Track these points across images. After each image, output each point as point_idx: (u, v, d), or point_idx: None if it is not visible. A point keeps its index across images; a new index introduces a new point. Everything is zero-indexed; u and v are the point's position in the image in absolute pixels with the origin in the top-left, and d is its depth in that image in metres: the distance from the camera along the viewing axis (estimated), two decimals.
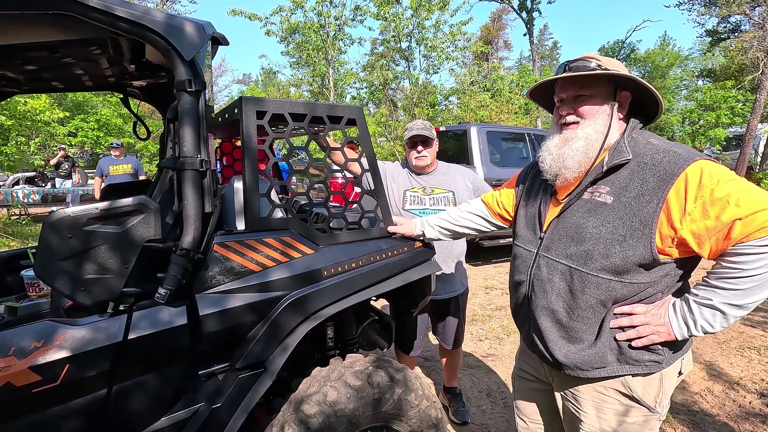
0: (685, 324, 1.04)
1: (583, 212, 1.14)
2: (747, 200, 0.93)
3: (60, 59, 1.59)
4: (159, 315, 1.22)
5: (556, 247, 1.18)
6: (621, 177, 1.09)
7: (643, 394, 1.13)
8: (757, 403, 2.58)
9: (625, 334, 1.09)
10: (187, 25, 1.23)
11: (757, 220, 0.91)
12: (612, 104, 1.13)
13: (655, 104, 1.15)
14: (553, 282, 1.18)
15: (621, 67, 1.14)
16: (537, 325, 1.23)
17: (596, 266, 1.09)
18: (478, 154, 5.68)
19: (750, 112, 16.03)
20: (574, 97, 1.17)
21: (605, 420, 1.17)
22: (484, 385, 2.83)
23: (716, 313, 1.01)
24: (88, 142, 15.30)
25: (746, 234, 0.93)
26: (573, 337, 1.15)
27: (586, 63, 1.12)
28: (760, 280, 0.95)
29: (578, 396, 1.21)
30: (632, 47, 26.39)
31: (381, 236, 1.62)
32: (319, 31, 12.98)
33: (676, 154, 1.04)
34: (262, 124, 1.35)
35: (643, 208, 1.03)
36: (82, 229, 1.16)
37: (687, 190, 0.99)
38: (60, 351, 1.08)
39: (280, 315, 1.34)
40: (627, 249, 1.05)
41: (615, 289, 1.08)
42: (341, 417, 1.31)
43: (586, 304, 1.12)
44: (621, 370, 1.12)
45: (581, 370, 1.15)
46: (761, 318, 3.92)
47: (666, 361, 1.11)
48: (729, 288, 0.98)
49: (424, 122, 2.26)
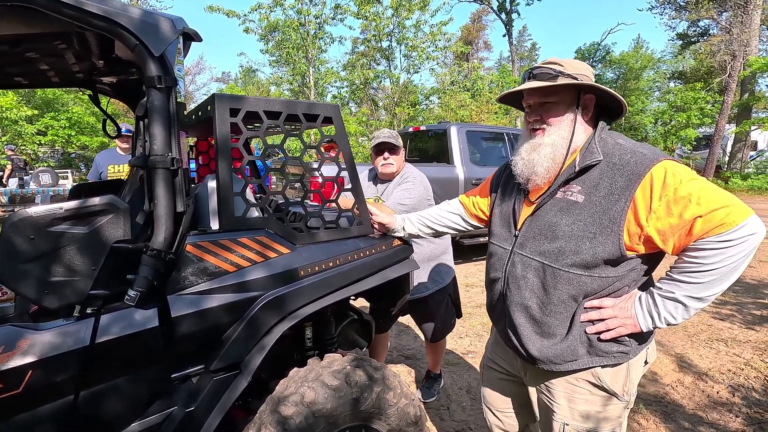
0: (650, 316, 1.09)
1: (555, 211, 1.18)
2: (707, 199, 0.98)
3: (22, 54, 1.52)
4: (129, 318, 1.18)
5: (530, 244, 1.22)
6: (591, 177, 1.14)
7: (611, 383, 1.18)
8: (724, 393, 2.68)
9: (595, 328, 1.14)
10: (156, 19, 1.20)
11: (716, 218, 0.97)
12: (575, 110, 1.18)
13: (619, 103, 1.20)
14: (527, 278, 1.22)
15: (585, 70, 1.18)
16: (512, 321, 1.27)
17: (568, 262, 1.13)
18: (458, 153, 5.73)
19: (718, 113, 16.67)
20: (539, 104, 1.21)
21: (577, 410, 1.22)
22: (464, 382, 2.86)
23: (678, 305, 1.06)
24: (59, 141, 14.80)
25: (706, 230, 0.98)
26: (546, 332, 1.19)
27: (549, 70, 1.15)
28: (719, 274, 1.00)
29: (551, 388, 1.26)
30: (607, 49, 27.04)
31: (359, 235, 1.61)
32: (299, 29, 12.86)
33: (643, 155, 1.08)
34: (236, 121, 1.32)
35: (612, 206, 1.08)
36: (46, 230, 1.12)
37: (652, 189, 1.03)
38: (22, 357, 1.04)
39: (255, 315, 1.32)
40: (597, 245, 1.09)
41: (585, 284, 1.13)
42: (319, 417, 1.30)
43: (558, 299, 1.16)
44: (591, 362, 1.16)
45: (554, 364, 1.19)
46: (728, 311, 4.08)
47: (632, 351, 1.16)
48: (690, 281, 1.03)
49: (391, 131, 2.29)
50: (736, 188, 15.33)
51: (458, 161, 5.71)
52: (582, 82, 1.14)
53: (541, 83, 1.16)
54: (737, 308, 4.16)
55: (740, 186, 15.40)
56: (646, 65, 25.10)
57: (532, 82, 1.18)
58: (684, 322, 3.78)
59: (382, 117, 14.73)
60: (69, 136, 14.49)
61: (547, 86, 1.15)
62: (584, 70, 1.18)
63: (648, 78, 25.70)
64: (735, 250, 0.97)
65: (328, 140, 1.52)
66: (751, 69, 15.58)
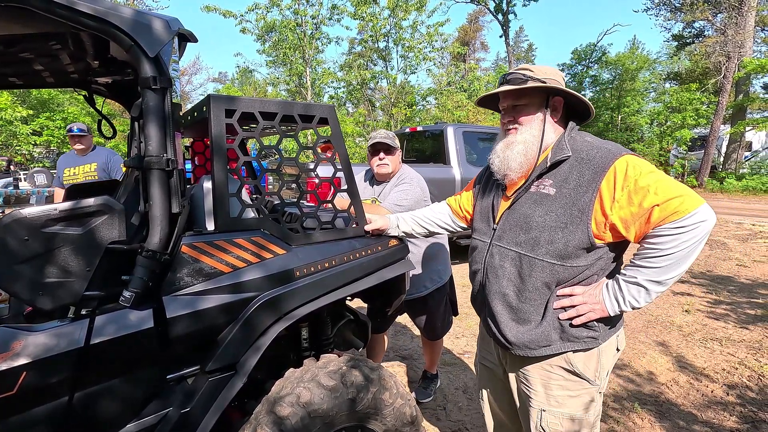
0: (616, 301, 1.19)
1: (530, 203, 1.28)
2: (663, 189, 1.08)
3: (17, 54, 1.52)
4: (124, 318, 1.18)
5: (507, 236, 1.31)
6: (562, 171, 1.24)
7: (583, 368, 1.26)
8: (719, 392, 2.70)
9: (567, 314, 1.23)
10: (151, 20, 1.20)
11: (671, 206, 1.07)
12: (545, 111, 1.30)
13: (586, 106, 1.30)
14: (504, 267, 1.31)
15: (554, 74, 1.29)
16: (491, 309, 1.35)
17: (542, 251, 1.23)
18: (455, 153, 5.74)
19: (713, 114, 16.76)
20: (512, 106, 1.33)
21: (552, 396, 1.30)
22: (460, 382, 2.87)
23: (641, 289, 1.15)
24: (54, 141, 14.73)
25: (663, 218, 1.08)
26: (522, 318, 1.29)
27: (520, 75, 1.27)
28: (675, 258, 1.10)
29: (528, 376, 1.34)
30: (603, 50, 27.13)
31: (355, 235, 1.61)
32: (296, 29, 12.84)
33: (607, 150, 1.19)
34: (232, 122, 1.32)
35: (581, 197, 1.17)
36: (41, 231, 1.12)
37: (615, 181, 1.13)
38: (16, 359, 1.03)
39: (251, 316, 1.32)
40: (568, 234, 1.19)
41: (558, 272, 1.22)
42: (315, 418, 1.30)
43: (533, 287, 1.25)
44: (563, 348, 1.25)
45: (530, 349, 1.27)
46: (723, 311, 4.11)
47: (601, 337, 1.25)
48: (650, 266, 1.13)
49: (388, 132, 2.29)
50: (731, 189, 15.42)
51: (455, 162, 5.72)
52: (549, 85, 1.25)
53: (512, 87, 1.26)
54: (732, 308, 4.18)
55: (735, 187, 15.47)
56: (641, 66, 25.19)
57: (505, 86, 1.29)
58: (679, 322, 3.81)
59: (379, 117, 14.73)
60: (64, 136, 14.42)
61: (518, 89, 1.26)
62: (553, 75, 1.28)
63: (644, 79, 25.80)
64: (688, 236, 1.07)
65: (325, 140, 1.52)
66: (746, 70, 15.68)
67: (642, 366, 3.06)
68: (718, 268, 5.70)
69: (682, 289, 4.82)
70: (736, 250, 6.70)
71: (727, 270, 5.61)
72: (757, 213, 10.66)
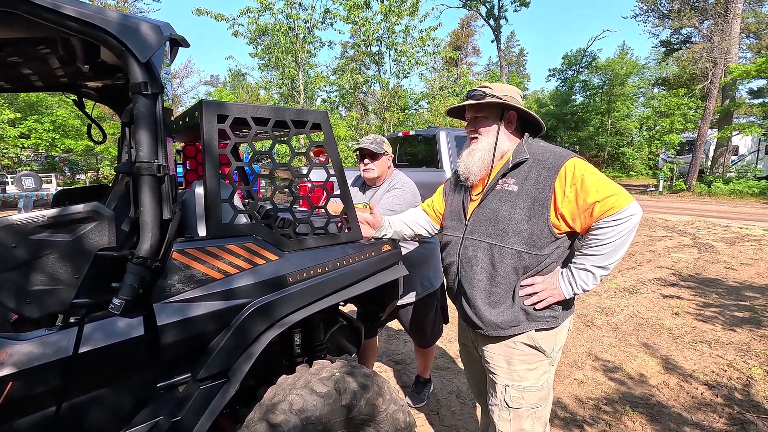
0: (569, 285, 1.40)
1: (497, 200, 1.46)
2: (603, 188, 1.31)
3: (5, 58, 1.50)
4: (113, 326, 1.16)
5: (479, 230, 1.49)
6: (522, 170, 1.44)
7: (544, 344, 1.47)
8: (707, 394, 2.73)
9: (530, 300, 1.43)
10: (143, 25, 1.19)
11: (608, 203, 1.29)
12: (500, 123, 1.51)
13: (536, 120, 1.51)
14: (478, 257, 1.48)
15: (510, 92, 1.50)
16: (466, 295, 1.53)
17: (511, 240, 1.41)
18: (447, 157, 5.76)
19: (701, 119, 17.03)
20: (474, 117, 1.55)
21: (515, 371, 1.48)
22: (453, 387, 2.87)
23: (589, 274, 1.37)
24: (43, 144, 14.53)
25: (602, 212, 1.30)
26: (494, 301, 1.46)
27: (480, 92, 1.49)
28: (613, 246, 1.32)
29: (493, 353, 1.52)
30: (593, 56, 27.50)
31: (348, 241, 1.61)
32: (288, 33, 12.82)
33: (558, 153, 1.43)
34: (224, 128, 1.32)
35: (540, 193, 1.38)
36: (28, 238, 1.10)
37: (566, 179, 1.35)
38: (1, 368, 1.01)
39: (243, 323, 1.30)
40: (533, 225, 1.39)
41: (524, 259, 1.41)
42: (308, 425, 1.29)
43: (504, 272, 1.43)
44: (529, 327, 1.44)
45: (501, 329, 1.45)
46: (711, 313, 4.16)
47: (560, 317, 1.46)
48: (594, 254, 1.35)
49: (375, 137, 2.29)
50: (718, 192, 15.65)
51: (447, 165, 5.73)
52: (504, 101, 1.46)
53: (473, 102, 1.49)
54: (720, 310, 4.24)
55: (723, 190, 15.71)
56: (630, 71, 25.58)
57: (468, 101, 1.50)
58: (669, 324, 3.85)
59: (372, 121, 14.73)
60: (53, 139, 14.22)
61: (477, 104, 1.49)
62: (510, 92, 1.50)
63: (633, 84, 26.19)
64: (622, 227, 1.30)
65: (317, 144, 1.53)
66: (732, 76, 15.98)
67: (633, 369, 3.08)
68: (707, 271, 5.78)
69: (671, 292, 4.87)
70: (724, 253, 6.80)
71: (715, 273, 5.69)
72: (744, 216, 10.84)
